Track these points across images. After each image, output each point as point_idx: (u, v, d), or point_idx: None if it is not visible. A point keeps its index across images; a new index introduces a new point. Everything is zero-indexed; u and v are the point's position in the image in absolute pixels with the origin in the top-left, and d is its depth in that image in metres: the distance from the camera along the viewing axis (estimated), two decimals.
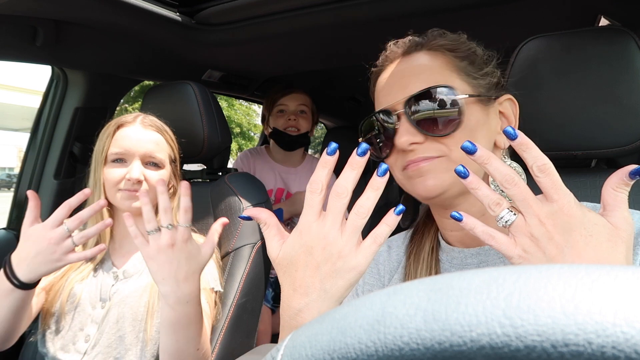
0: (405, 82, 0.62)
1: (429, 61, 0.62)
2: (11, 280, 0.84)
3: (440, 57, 0.62)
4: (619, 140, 0.72)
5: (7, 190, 18.22)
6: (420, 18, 1.16)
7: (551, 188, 0.44)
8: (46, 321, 1.00)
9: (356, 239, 0.48)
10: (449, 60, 0.62)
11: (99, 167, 1.02)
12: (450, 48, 0.63)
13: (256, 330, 1.24)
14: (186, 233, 0.81)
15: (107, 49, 1.33)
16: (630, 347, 0.14)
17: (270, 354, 0.22)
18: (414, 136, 0.58)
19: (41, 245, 0.83)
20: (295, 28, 1.30)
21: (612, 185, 0.45)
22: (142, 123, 1.06)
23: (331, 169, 0.48)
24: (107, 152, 1.02)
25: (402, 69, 0.64)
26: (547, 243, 0.43)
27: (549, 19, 1.23)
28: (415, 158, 0.59)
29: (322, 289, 0.47)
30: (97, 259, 1.03)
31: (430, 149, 0.59)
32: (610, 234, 0.43)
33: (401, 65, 0.64)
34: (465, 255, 0.63)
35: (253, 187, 1.31)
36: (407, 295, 0.20)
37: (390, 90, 0.63)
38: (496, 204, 0.46)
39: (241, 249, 1.19)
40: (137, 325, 0.99)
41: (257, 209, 0.53)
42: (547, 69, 0.75)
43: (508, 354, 0.15)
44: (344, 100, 2.71)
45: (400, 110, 0.60)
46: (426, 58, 0.63)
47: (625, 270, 0.17)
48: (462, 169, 0.47)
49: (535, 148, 0.44)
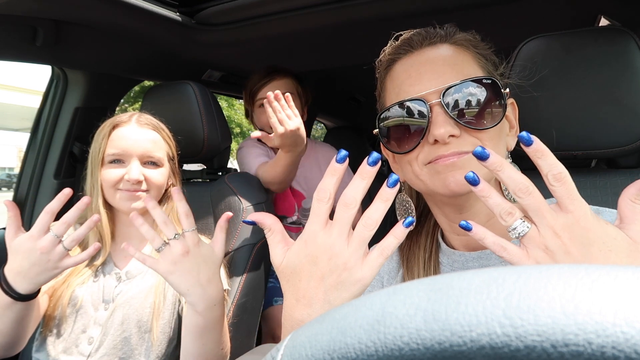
0: (438, 71, 0.58)
1: (458, 54, 0.60)
2: (10, 295, 0.82)
3: (466, 52, 0.60)
4: (619, 140, 0.72)
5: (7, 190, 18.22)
6: (420, 18, 1.16)
7: (567, 198, 0.41)
8: (48, 326, 0.99)
9: (362, 250, 0.46)
10: (474, 56, 0.61)
11: (96, 169, 1.01)
12: (474, 44, 0.62)
13: (256, 330, 1.24)
14: (195, 237, 0.80)
15: (107, 49, 1.33)
16: (630, 347, 0.14)
17: (270, 354, 0.22)
18: (452, 128, 0.55)
19: (34, 257, 0.80)
20: (296, 28, 1.30)
21: (630, 197, 0.43)
22: (138, 122, 1.05)
23: (340, 177, 0.47)
24: (104, 153, 1.00)
25: (432, 58, 0.59)
26: (563, 257, 0.41)
27: (549, 19, 1.23)
28: (448, 153, 0.56)
29: (326, 301, 0.45)
30: (98, 261, 1.03)
31: (465, 144, 0.56)
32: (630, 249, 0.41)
33: (429, 54, 0.60)
34: (467, 259, 0.62)
35: (253, 187, 1.31)
36: (407, 295, 0.20)
37: (420, 79, 0.59)
38: (508, 213, 0.44)
39: (241, 249, 1.19)
40: (142, 326, 0.98)
41: (262, 213, 0.51)
42: (547, 69, 0.75)
43: (508, 354, 0.15)
44: (344, 100, 2.71)
45: (434, 100, 0.56)
46: (453, 50, 0.60)
47: (625, 271, 0.17)
48: (472, 175, 0.45)
49: (551, 155, 0.42)
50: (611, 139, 0.72)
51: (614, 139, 0.72)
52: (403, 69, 0.62)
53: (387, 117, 0.61)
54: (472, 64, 0.59)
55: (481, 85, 0.56)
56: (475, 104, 0.56)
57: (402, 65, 0.62)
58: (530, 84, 0.74)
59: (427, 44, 0.61)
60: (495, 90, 0.57)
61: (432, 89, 0.57)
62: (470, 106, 0.55)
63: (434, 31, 0.62)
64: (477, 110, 0.56)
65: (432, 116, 0.56)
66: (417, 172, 0.60)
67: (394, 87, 0.62)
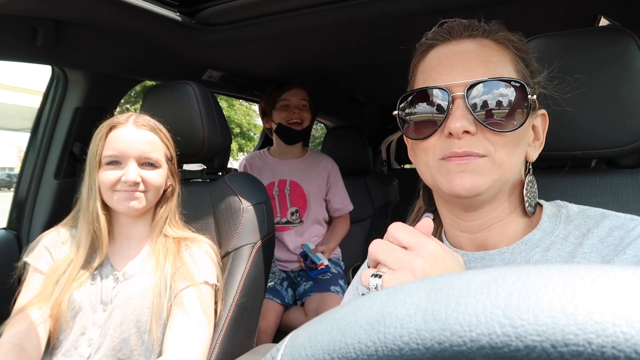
0: (471, 64, 0.57)
1: (496, 51, 0.58)
2: None
3: (506, 51, 0.58)
4: (619, 140, 0.72)
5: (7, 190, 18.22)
6: (420, 18, 1.16)
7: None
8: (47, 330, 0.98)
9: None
10: (512, 58, 0.58)
11: (93, 171, 1.01)
12: (517, 46, 0.60)
13: (256, 330, 1.24)
14: None
15: (107, 49, 1.33)
16: (630, 347, 0.14)
17: (270, 353, 0.22)
18: (470, 124, 0.54)
19: None
20: (296, 28, 1.30)
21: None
22: (135, 123, 1.04)
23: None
24: (101, 155, 1.00)
25: (469, 50, 0.58)
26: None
27: (549, 19, 1.23)
28: (460, 152, 0.55)
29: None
30: (95, 263, 1.02)
31: (478, 144, 0.55)
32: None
33: (467, 45, 0.59)
34: (470, 259, 0.62)
35: (253, 187, 1.31)
36: (407, 295, 0.20)
37: (449, 69, 0.57)
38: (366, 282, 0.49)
39: (241, 249, 1.19)
40: (141, 326, 0.98)
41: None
42: (546, 69, 0.75)
43: (508, 354, 0.15)
44: (344, 100, 2.71)
45: (459, 92, 0.55)
46: (493, 47, 0.58)
47: (625, 270, 0.17)
48: None
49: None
50: (611, 139, 0.72)
51: (614, 139, 0.72)
52: (437, 55, 0.60)
53: (410, 101, 0.60)
54: (507, 65, 0.58)
55: (509, 87, 0.55)
56: (498, 105, 0.54)
57: (437, 52, 0.61)
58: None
59: (467, 36, 0.60)
60: (522, 95, 0.55)
61: (459, 81, 0.56)
62: (492, 106, 0.54)
63: (477, 24, 0.61)
64: (498, 112, 0.54)
65: (452, 108, 0.55)
66: (429, 163, 0.59)
67: (423, 72, 0.62)
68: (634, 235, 0.52)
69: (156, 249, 1.05)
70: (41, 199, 1.43)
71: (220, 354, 1.07)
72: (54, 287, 0.98)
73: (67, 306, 0.97)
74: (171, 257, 1.04)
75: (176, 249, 1.06)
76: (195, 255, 1.07)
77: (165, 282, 1.00)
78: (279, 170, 1.92)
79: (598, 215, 0.57)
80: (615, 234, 0.53)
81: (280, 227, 1.88)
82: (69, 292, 0.98)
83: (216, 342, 1.07)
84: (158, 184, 1.05)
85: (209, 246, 1.12)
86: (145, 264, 1.04)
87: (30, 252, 1.04)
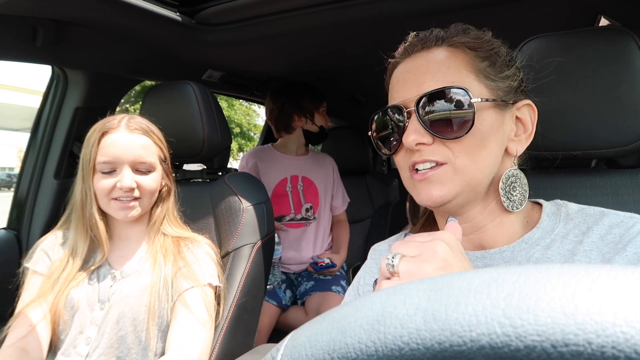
0: (420, 79, 0.59)
1: (447, 58, 0.59)
2: None
3: (460, 55, 0.59)
4: (619, 140, 0.72)
5: (7, 190, 18.22)
6: (419, 18, 1.16)
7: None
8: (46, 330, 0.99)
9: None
10: (469, 60, 0.59)
11: (87, 176, 1.00)
12: (471, 46, 0.60)
13: (256, 330, 1.24)
14: None
15: (107, 49, 1.33)
16: (630, 347, 0.14)
17: (270, 353, 0.22)
18: (422, 136, 0.57)
19: None
20: (296, 28, 1.30)
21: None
22: (127, 127, 1.03)
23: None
24: (94, 161, 0.99)
25: (419, 65, 0.60)
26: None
27: (549, 19, 1.23)
28: (420, 160, 0.57)
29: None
30: (94, 265, 1.02)
31: (436, 152, 0.57)
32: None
33: (419, 60, 0.61)
34: (470, 258, 0.62)
35: (253, 187, 1.31)
36: (407, 295, 0.20)
37: (404, 86, 0.61)
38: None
39: (241, 249, 1.19)
40: (138, 325, 0.98)
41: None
42: (546, 69, 0.75)
43: (508, 354, 0.15)
44: (344, 100, 2.71)
45: (411, 108, 0.58)
46: (445, 54, 0.59)
47: (625, 270, 0.17)
48: None
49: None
50: (611, 139, 0.72)
51: (614, 139, 0.72)
52: (398, 73, 0.64)
53: (375, 120, 0.65)
54: (461, 69, 0.58)
55: (450, 94, 0.56)
56: (445, 113, 0.56)
57: (398, 70, 0.64)
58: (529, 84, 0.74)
59: (421, 48, 0.62)
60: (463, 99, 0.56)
61: (410, 97, 0.59)
62: (441, 115, 0.56)
63: (429, 35, 0.62)
64: (446, 119, 0.56)
65: (407, 124, 0.59)
66: (404, 178, 0.64)
67: (390, 91, 0.65)
68: (634, 232, 0.52)
69: (154, 248, 1.05)
70: (41, 199, 1.43)
71: (220, 354, 1.07)
72: (52, 287, 0.98)
73: (66, 305, 0.97)
74: (171, 257, 1.04)
75: (176, 249, 1.07)
76: (197, 256, 1.07)
77: (164, 281, 1.00)
78: (289, 166, 1.91)
79: (597, 214, 0.57)
80: (615, 232, 0.54)
81: (295, 223, 1.87)
82: (67, 291, 0.98)
83: (216, 342, 1.07)
84: (153, 189, 1.05)
85: (209, 246, 1.12)
86: (143, 263, 1.04)
87: (30, 258, 1.05)
